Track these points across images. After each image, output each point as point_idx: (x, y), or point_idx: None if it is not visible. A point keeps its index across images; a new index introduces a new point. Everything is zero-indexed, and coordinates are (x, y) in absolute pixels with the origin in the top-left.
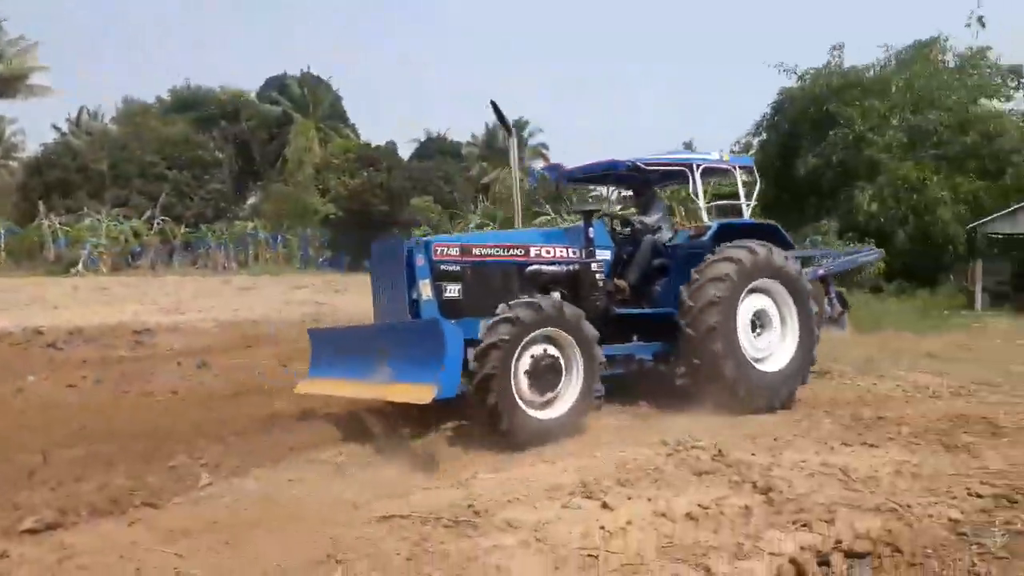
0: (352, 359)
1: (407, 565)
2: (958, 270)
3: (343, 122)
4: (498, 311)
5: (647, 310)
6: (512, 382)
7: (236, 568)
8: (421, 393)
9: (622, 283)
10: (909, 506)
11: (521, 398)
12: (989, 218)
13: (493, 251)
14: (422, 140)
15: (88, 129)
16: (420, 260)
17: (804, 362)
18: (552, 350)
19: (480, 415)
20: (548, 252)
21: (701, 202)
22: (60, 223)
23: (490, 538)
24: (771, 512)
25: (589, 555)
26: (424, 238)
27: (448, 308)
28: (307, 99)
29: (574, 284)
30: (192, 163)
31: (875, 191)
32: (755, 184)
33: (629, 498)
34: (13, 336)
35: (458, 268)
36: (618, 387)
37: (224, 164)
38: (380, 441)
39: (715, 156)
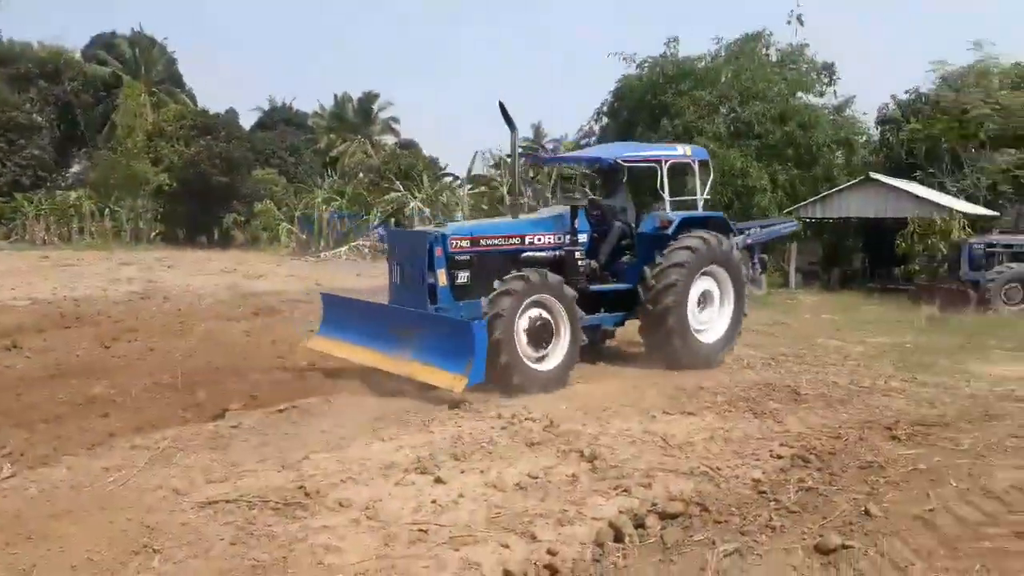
0: (369, 331)
1: (230, 550)
2: (775, 251)
3: (179, 87)
4: (496, 287)
5: (614, 286)
6: (516, 343)
7: (39, 562)
8: (453, 382)
9: (593, 262)
10: (719, 468)
11: (524, 355)
12: (802, 203)
13: (496, 241)
14: (265, 109)
15: None
16: (439, 251)
17: (734, 332)
18: (544, 313)
19: (492, 374)
20: (539, 239)
21: (666, 194)
22: None
23: (320, 518)
24: (595, 479)
25: (420, 529)
26: (442, 231)
27: (459, 292)
28: (139, 61)
29: (560, 266)
30: (5, 126)
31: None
32: (710, 175)
33: (462, 472)
34: None
35: (468, 257)
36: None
37: (44, 128)
38: (208, 425)
39: (680, 151)
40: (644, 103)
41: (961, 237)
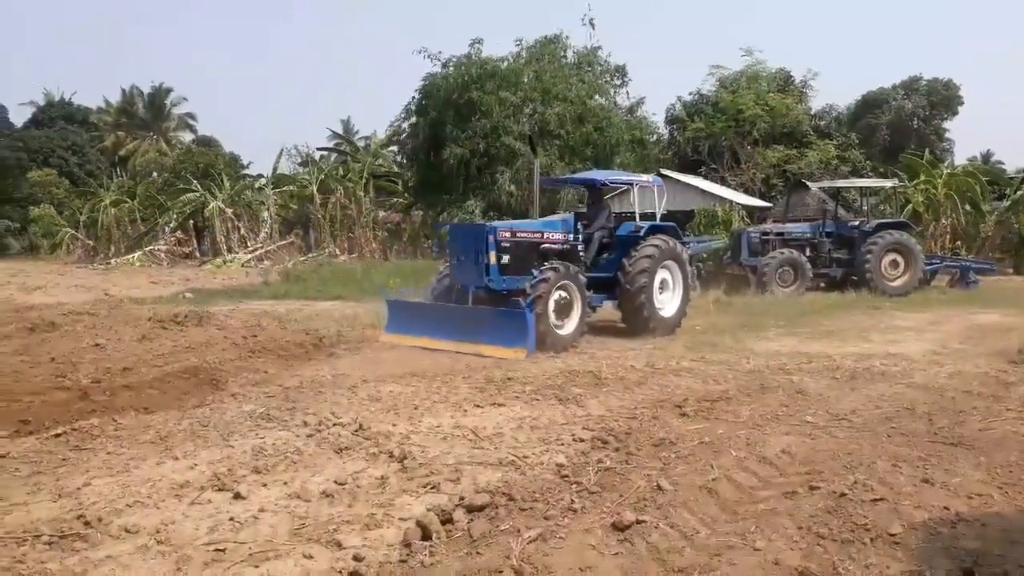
0: (434, 325)
1: None
2: None
3: None
4: (535, 273)
5: (599, 274)
6: (550, 316)
7: None
8: (516, 354)
9: (584, 256)
10: (526, 457)
11: (553, 325)
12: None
13: (526, 234)
14: (40, 104)
15: None
16: (491, 238)
17: (682, 310)
18: (565, 294)
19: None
20: (553, 235)
21: (636, 208)
22: None
23: (103, 549)
24: (405, 479)
25: (216, 549)
26: (494, 224)
27: (502, 270)
28: None
29: (567, 257)
30: None
31: (512, 174)
32: (664, 196)
33: (264, 485)
34: None
35: (508, 244)
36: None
37: None
38: None
39: (646, 178)
40: (451, 102)
41: (740, 226)
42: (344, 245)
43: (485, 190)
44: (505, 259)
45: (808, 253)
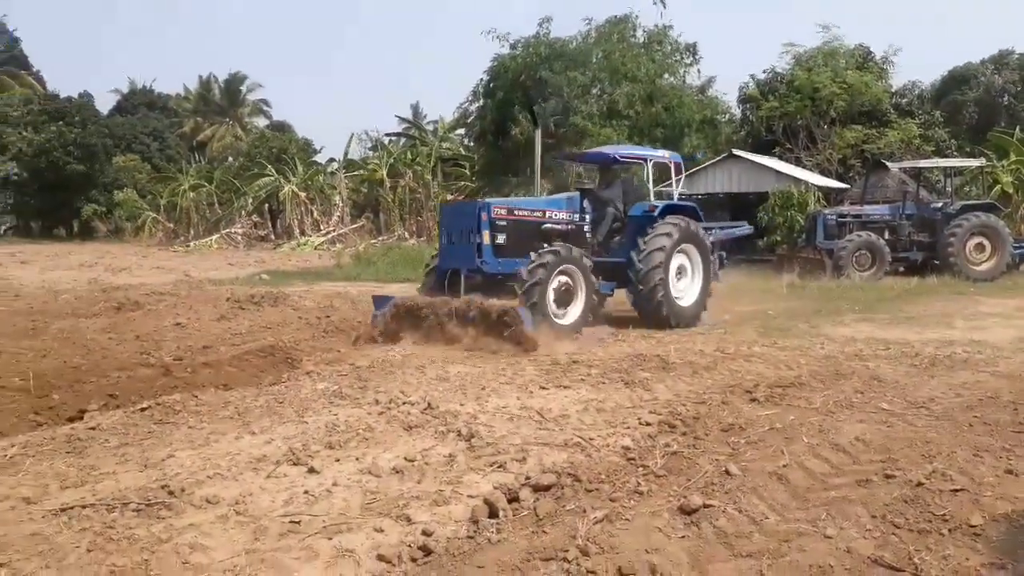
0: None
1: (87, 557)
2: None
3: (24, 69)
4: (532, 257)
5: (609, 259)
6: (549, 304)
7: None
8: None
9: (593, 239)
10: (591, 439)
11: (553, 314)
12: (670, 181)
13: (526, 213)
14: (124, 92)
15: None
16: (484, 216)
17: (704, 298)
18: (567, 280)
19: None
20: (556, 215)
21: (650, 185)
22: None
23: (185, 517)
24: (472, 457)
25: (291, 521)
26: (488, 201)
27: (497, 251)
28: None
29: (571, 238)
30: None
31: None
32: (682, 173)
33: (337, 460)
34: None
35: (505, 223)
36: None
37: None
38: (63, 428)
39: (660, 153)
40: (519, 83)
41: (816, 208)
42: (413, 228)
43: (553, 172)
44: (501, 239)
45: (887, 236)
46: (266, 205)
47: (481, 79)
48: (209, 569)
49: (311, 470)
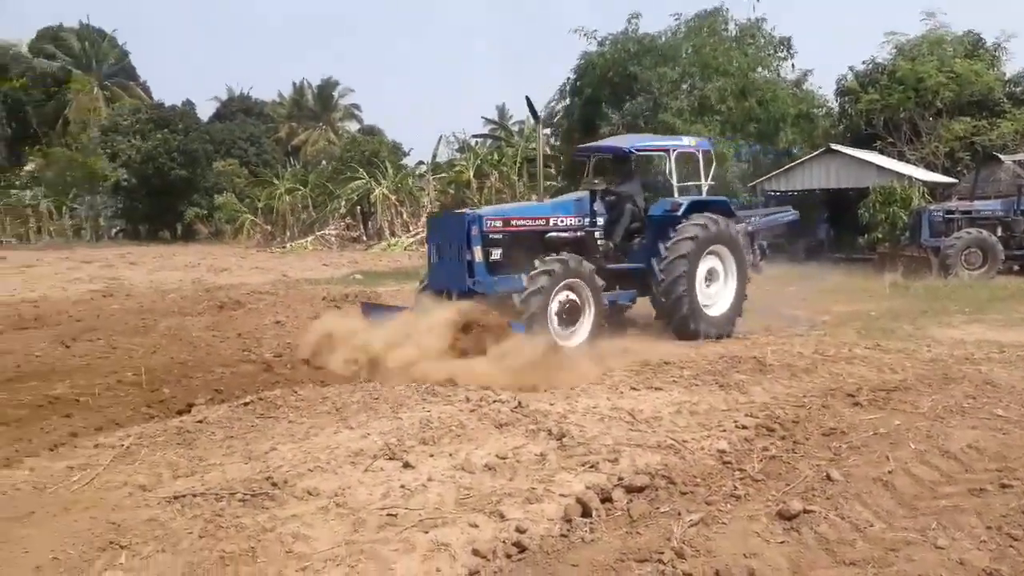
0: None
1: (199, 543)
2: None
3: (132, 80)
4: (536, 265)
5: (628, 264)
6: (552, 324)
7: (2, 565)
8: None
9: (608, 243)
10: (685, 441)
11: (556, 334)
12: (766, 176)
13: (525, 222)
14: (223, 99)
15: None
16: (475, 231)
17: (739, 303)
18: (573, 295)
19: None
20: (562, 221)
21: (674, 180)
22: None
23: (288, 508)
24: (563, 456)
25: (389, 514)
26: (478, 212)
27: (493, 268)
28: (89, 54)
29: (580, 246)
30: None
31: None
32: (712, 164)
33: (431, 456)
34: None
35: (500, 236)
36: None
37: None
38: (172, 421)
39: (686, 142)
40: (607, 80)
41: (921, 204)
42: None
43: (641, 170)
44: (496, 254)
45: (999, 233)
46: (358, 207)
47: (568, 78)
48: (312, 558)
49: (406, 465)
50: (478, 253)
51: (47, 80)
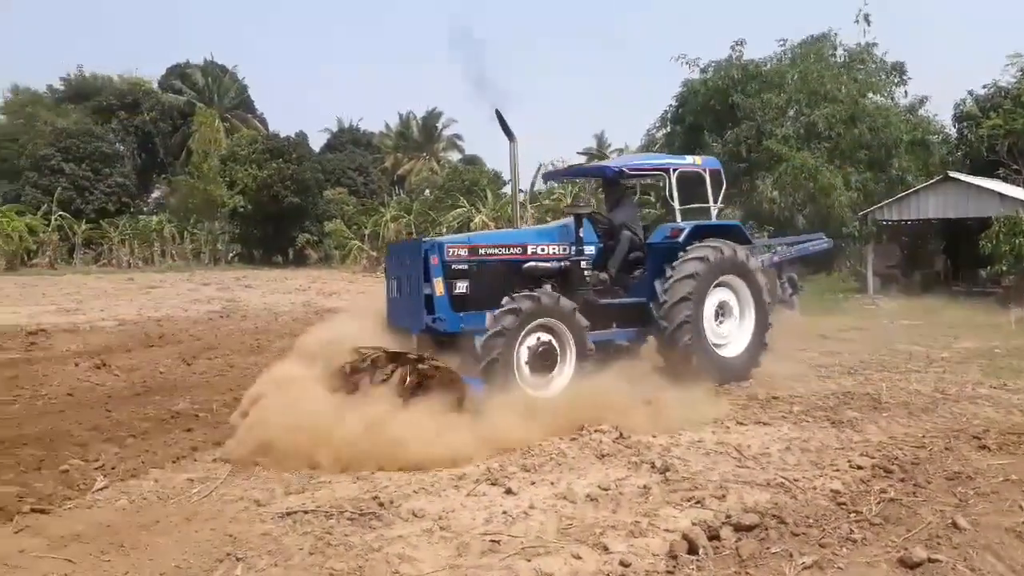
0: None
1: (309, 559)
2: (851, 255)
3: (250, 112)
4: (503, 303)
5: (626, 299)
6: (521, 371)
7: (130, 571)
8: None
9: (602, 275)
10: (796, 480)
11: (523, 381)
12: (878, 205)
13: (496, 250)
14: (334, 131)
15: None
16: (435, 260)
17: (758, 345)
18: (547, 337)
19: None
20: (543, 250)
21: (676, 203)
22: None
23: (394, 528)
24: (667, 490)
25: (492, 540)
26: (438, 239)
27: (457, 303)
28: (211, 88)
29: (565, 278)
30: (91, 156)
31: (775, 180)
32: (722, 186)
33: (532, 483)
34: None
35: (466, 266)
36: None
37: (126, 157)
38: None
39: (689, 160)
40: (709, 107)
41: None
42: None
43: (744, 197)
44: (462, 287)
45: None
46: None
47: (669, 105)
48: None
49: (508, 491)
50: (439, 286)
51: (174, 113)
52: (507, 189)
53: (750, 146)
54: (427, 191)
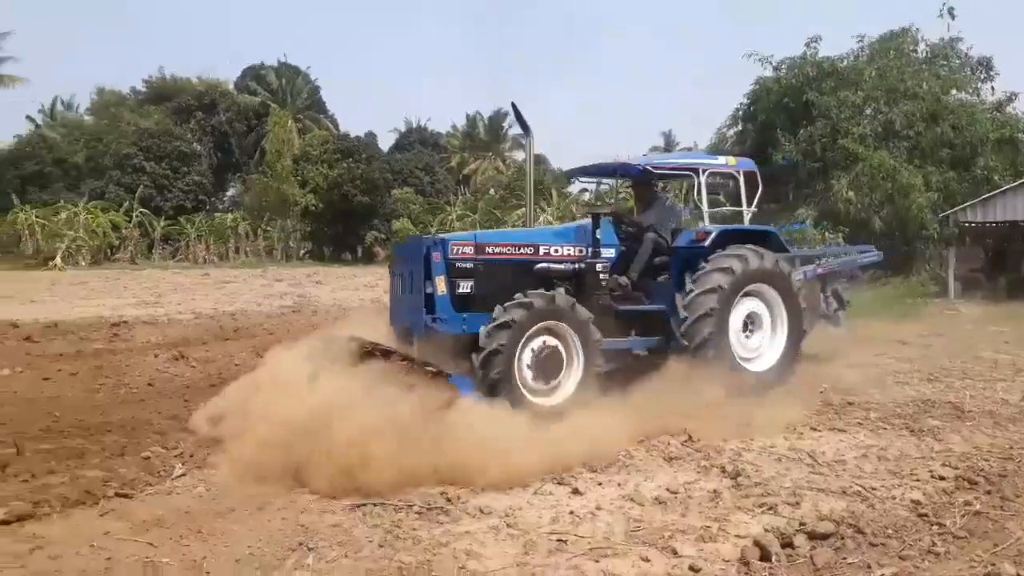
0: None
1: (378, 551)
2: (931, 258)
3: (322, 113)
4: (495, 314)
5: (645, 306)
6: (522, 376)
7: (208, 556)
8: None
9: (624, 279)
10: (873, 488)
11: (527, 390)
12: (961, 206)
13: (505, 249)
14: (402, 131)
15: (62, 121)
16: (437, 256)
17: (791, 359)
18: (553, 341)
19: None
20: (556, 251)
21: (705, 206)
22: (36, 216)
23: (461, 524)
24: (738, 496)
25: (558, 539)
26: (442, 236)
27: (461, 303)
28: (285, 89)
29: (580, 281)
30: (170, 155)
31: (851, 180)
32: (758, 188)
33: (599, 484)
34: None
35: (471, 265)
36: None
37: (203, 156)
38: None
39: (721, 161)
40: (782, 105)
41: None
42: None
43: (818, 197)
44: (466, 287)
45: None
46: None
47: (741, 103)
48: None
49: (575, 491)
50: (440, 284)
51: (249, 114)
52: (572, 188)
53: (824, 145)
54: (492, 190)
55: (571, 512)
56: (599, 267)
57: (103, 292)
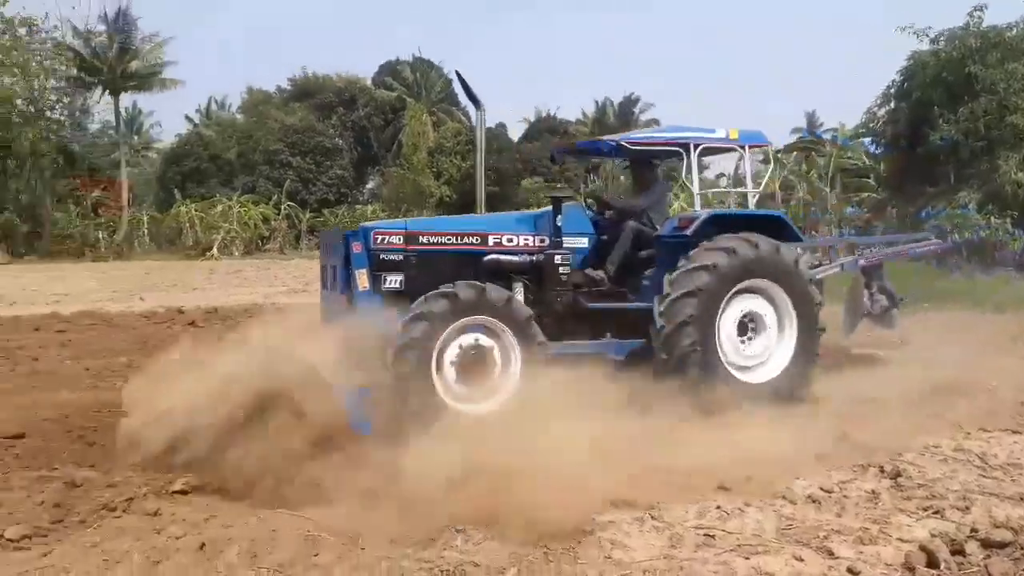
0: None
1: None
2: None
3: (455, 105)
4: (413, 305)
5: (621, 304)
6: (443, 377)
7: (366, 533)
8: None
9: (598, 273)
10: None
11: (448, 392)
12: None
13: (444, 239)
14: (531, 120)
15: (216, 119)
16: (357, 247)
17: (807, 362)
18: (485, 340)
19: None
20: (510, 240)
21: (696, 187)
22: (195, 210)
23: (606, 514)
24: (900, 497)
25: (706, 534)
26: (365, 224)
27: (390, 299)
28: (420, 83)
29: (537, 274)
30: (314, 150)
31: (1021, 159)
32: (770, 165)
33: (747, 479)
34: (158, 315)
35: (401, 257)
36: None
37: (344, 150)
38: None
39: (720, 134)
40: (940, 80)
41: None
42: None
43: (982, 179)
44: (395, 281)
45: None
46: None
47: (893, 79)
48: (631, 567)
49: (721, 486)
50: (362, 278)
51: (386, 108)
52: (707, 173)
53: (989, 122)
54: (622, 177)
55: (718, 507)
56: (558, 259)
57: (255, 280)
